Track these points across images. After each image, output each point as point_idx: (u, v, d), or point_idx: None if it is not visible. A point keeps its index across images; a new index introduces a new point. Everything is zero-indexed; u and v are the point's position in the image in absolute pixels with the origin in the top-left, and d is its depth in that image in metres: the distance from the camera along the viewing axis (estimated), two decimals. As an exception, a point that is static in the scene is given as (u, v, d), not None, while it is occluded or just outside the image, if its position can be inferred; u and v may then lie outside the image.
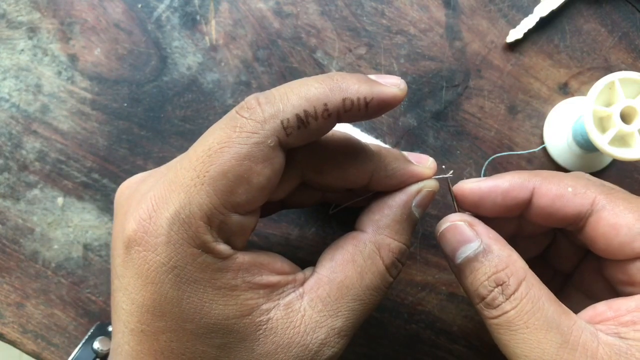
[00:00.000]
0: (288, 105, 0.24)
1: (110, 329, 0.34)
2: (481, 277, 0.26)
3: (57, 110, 0.38)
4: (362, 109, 0.25)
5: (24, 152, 0.37)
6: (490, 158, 0.38)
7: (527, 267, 0.26)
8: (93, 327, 0.34)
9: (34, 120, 0.38)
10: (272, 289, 0.26)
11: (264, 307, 0.25)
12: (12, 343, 0.37)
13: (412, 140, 0.38)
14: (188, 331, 0.24)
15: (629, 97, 0.33)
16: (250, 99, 0.24)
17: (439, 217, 0.38)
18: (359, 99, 0.25)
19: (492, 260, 0.26)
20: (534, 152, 0.38)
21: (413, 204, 0.28)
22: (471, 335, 0.38)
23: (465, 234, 0.27)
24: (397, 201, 0.28)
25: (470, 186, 0.29)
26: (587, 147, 0.36)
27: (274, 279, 0.26)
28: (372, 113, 0.26)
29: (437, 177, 0.29)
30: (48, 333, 0.37)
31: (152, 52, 0.38)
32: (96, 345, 0.33)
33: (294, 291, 0.26)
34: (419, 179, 0.29)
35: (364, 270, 0.27)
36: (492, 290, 0.26)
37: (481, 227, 0.27)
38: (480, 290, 0.26)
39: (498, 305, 0.26)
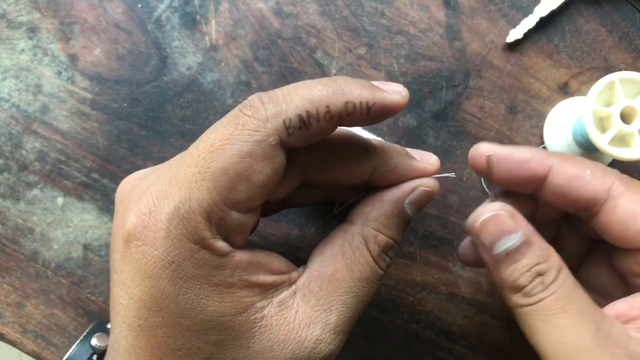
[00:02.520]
0: (291, 105, 0.24)
1: (109, 326, 0.34)
2: (522, 269, 0.26)
3: (57, 110, 0.38)
4: (363, 113, 0.25)
5: (24, 152, 0.37)
6: None
7: (561, 259, 0.26)
8: (92, 324, 0.34)
9: (34, 120, 0.38)
10: (267, 288, 0.26)
11: (259, 304, 0.25)
12: (12, 343, 0.37)
13: (412, 140, 0.38)
14: (184, 327, 0.24)
15: (629, 97, 0.33)
16: (254, 98, 0.25)
17: (439, 217, 0.38)
18: (361, 103, 0.25)
19: (534, 252, 0.26)
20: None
21: (406, 201, 0.28)
22: (471, 335, 0.38)
23: (507, 224, 0.27)
24: (390, 196, 0.28)
25: (488, 147, 0.28)
26: (587, 147, 0.36)
27: (269, 278, 0.26)
28: (373, 118, 0.26)
29: (438, 175, 0.29)
30: (48, 333, 0.37)
31: (152, 52, 0.38)
32: (94, 341, 0.33)
33: (287, 289, 0.26)
34: (420, 174, 0.28)
35: (353, 262, 0.27)
36: (532, 281, 0.26)
37: (521, 219, 0.27)
38: (521, 280, 0.26)
39: (536, 294, 0.25)
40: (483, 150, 0.28)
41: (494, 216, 0.27)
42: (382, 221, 0.28)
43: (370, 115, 0.25)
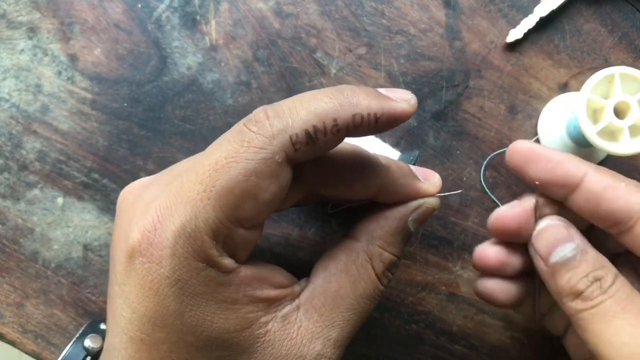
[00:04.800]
0: (297, 120, 0.24)
1: (102, 326, 0.33)
2: (580, 274, 0.26)
3: (57, 110, 0.38)
4: (371, 124, 0.25)
5: (24, 152, 0.37)
6: (490, 156, 0.38)
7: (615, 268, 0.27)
8: (85, 325, 0.34)
9: (34, 120, 0.38)
10: (271, 302, 0.26)
11: (263, 319, 0.25)
12: (12, 343, 0.37)
13: (412, 140, 0.38)
14: (188, 343, 0.24)
15: (626, 94, 0.33)
16: (259, 112, 0.24)
17: (439, 217, 0.38)
18: (369, 114, 0.25)
19: (589, 260, 0.27)
20: None
21: (410, 218, 0.28)
22: (471, 335, 0.38)
23: (562, 233, 0.27)
24: (395, 214, 0.28)
25: (529, 145, 0.28)
26: (578, 140, 0.36)
27: (273, 292, 0.26)
28: (381, 128, 0.26)
29: (442, 194, 0.29)
30: (48, 333, 0.37)
31: (152, 52, 0.38)
32: (87, 343, 0.33)
33: (290, 303, 0.27)
34: (423, 196, 0.29)
35: (357, 279, 0.27)
36: (589, 286, 0.26)
37: (574, 229, 0.28)
38: (579, 286, 0.26)
39: (595, 297, 0.26)
40: (523, 146, 0.29)
41: (549, 225, 0.28)
42: (387, 239, 0.28)
43: (378, 125, 0.25)
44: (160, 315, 0.24)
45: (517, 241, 0.30)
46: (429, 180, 0.29)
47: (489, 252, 0.31)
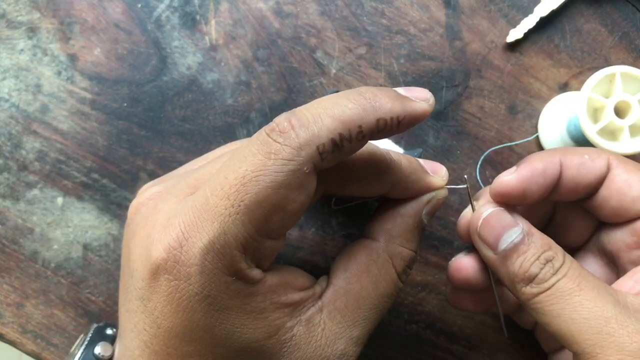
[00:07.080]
0: (323, 129, 0.23)
1: (108, 331, 0.33)
2: (531, 258, 0.26)
3: (57, 110, 0.38)
4: (394, 127, 0.25)
5: (23, 152, 0.37)
6: (486, 153, 0.37)
7: None
8: (91, 331, 0.34)
9: (34, 120, 0.37)
10: (296, 306, 0.26)
11: (288, 324, 0.25)
12: (11, 343, 0.37)
13: (412, 140, 0.38)
14: (218, 355, 0.24)
15: (626, 93, 0.33)
16: (282, 122, 0.24)
17: (439, 217, 0.38)
18: (392, 118, 0.24)
19: (537, 241, 0.26)
20: (528, 141, 0.38)
21: (423, 212, 0.29)
22: (471, 335, 0.38)
23: (507, 219, 0.27)
24: (409, 210, 0.29)
25: (516, 177, 0.28)
26: (578, 139, 0.36)
27: (297, 296, 0.26)
28: (401, 130, 0.26)
29: (451, 187, 0.30)
30: (48, 333, 0.37)
31: (152, 52, 0.38)
32: (98, 350, 0.33)
33: (313, 305, 0.27)
34: (433, 189, 0.29)
35: (378, 279, 0.27)
36: (542, 268, 0.26)
37: (515, 213, 0.28)
38: (532, 269, 0.26)
39: (549, 279, 0.26)
40: (510, 180, 0.28)
41: (493, 213, 0.28)
42: (405, 236, 0.28)
43: (400, 128, 0.25)
44: (189, 330, 0.24)
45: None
46: (437, 173, 0.29)
47: (465, 263, 0.30)
